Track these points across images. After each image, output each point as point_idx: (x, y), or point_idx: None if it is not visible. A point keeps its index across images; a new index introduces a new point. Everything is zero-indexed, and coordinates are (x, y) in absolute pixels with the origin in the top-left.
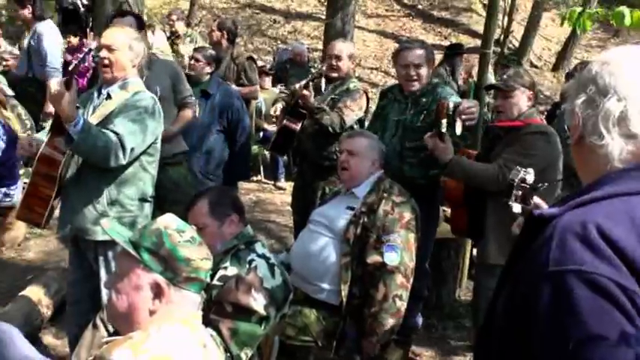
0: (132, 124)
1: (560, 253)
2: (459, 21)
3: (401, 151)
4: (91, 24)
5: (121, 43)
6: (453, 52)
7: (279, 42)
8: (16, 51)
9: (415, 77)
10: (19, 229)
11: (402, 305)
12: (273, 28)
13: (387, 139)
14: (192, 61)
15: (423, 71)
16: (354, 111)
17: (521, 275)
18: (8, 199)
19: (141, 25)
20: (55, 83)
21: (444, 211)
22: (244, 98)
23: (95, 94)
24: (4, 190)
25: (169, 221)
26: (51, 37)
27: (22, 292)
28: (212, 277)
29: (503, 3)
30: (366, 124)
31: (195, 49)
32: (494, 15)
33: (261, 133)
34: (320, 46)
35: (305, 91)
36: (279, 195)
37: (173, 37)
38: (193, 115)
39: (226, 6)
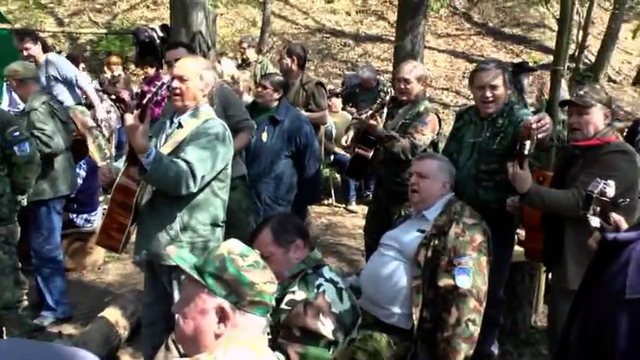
0: (202, 152)
1: (637, 280)
2: (531, 37)
3: (476, 174)
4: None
5: (192, 73)
6: (519, 70)
7: (349, 64)
8: (96, 85)
9: (491, 99)
10: (99, 253)
11: (476, 330)
12: (343, 51)
13: (462, 161)
14: (260, 88)
15: (500, 92)
16: (425, 135)
17: (596, 301)
18: (89, 225)
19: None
20: (129, 117)
21: (517, 234)
22: (313, 123)
23: (167, 123)
24: (85, 216)
25: (233, 246)
26: (65, 61)
27: (101, 314)
28: (280, 301)
29: (577, 17)
30: (440, 145)
31: (263, 76)
32: (566, 30)
33: (332, 157)
34: (390, 67)
35: (372, 121)
36: (351, 218)
37: (244, 65)
38: (248, 138)
39: (297, 31)
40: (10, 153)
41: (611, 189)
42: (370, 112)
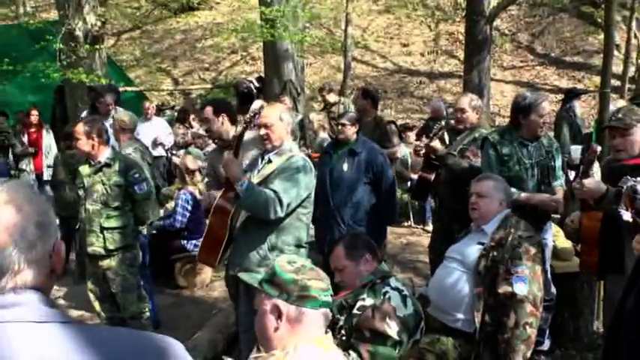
0: (287, 183)
1: None
2: (591, 64)
3: (542, 189)
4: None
5: (274, 118)
6: (571, 95)
7: (424, 100)
8: (202, 131)
9: (547, 124)
10: (207, 273)
11: (533, 332)
12: (419, 88)
13: (528, 180)
14: (340, 127)
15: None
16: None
17: None
18: (197, 249)
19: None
20: (227, 154)
21: (574, 245)
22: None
23: (259, 159)
24: (194, 242)
25: (283, 258)
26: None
27: (208, 323)
28: (352, 307)
29: (635, 40)
30: None
31: (340, 116)
32: (610, 57)
33: (409, 183)
34: None
35: (432, 143)
36: (427, 238)
37: (327, 107)
38: None
39: (377, 74)
40: (132, 192)
41: None
42: (431, 135)
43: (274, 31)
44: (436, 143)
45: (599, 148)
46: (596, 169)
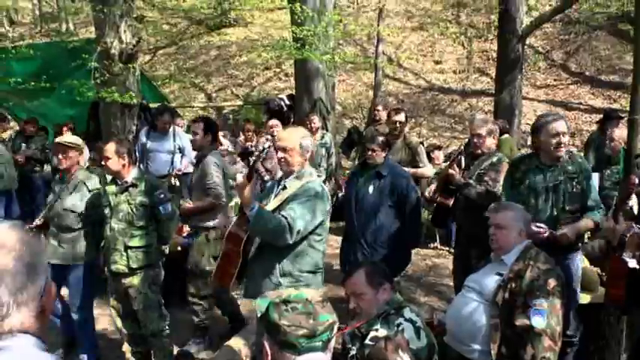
0: (301, 209)
1: None
2: (627, 83)
3: (557, 215)
4: (292, 119)
5: (293, 143)
6: (608, 119)
7: (456, 118)
8: (231, 148)
9: (563, 145)
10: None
11: None
12: (451, 106)
13: (540, 205)
14: (370, 152)
15: (567, 139)
16: (499, 182)
17: None
18: None
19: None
20: (239, 177)
21: (600, 275)
22: (418, 177)
23: (276, 185)
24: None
25: (284, 293)
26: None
27: (227, 343)
28: (365, 337)
29: None
30: None
31: (369, 140)
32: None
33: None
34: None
35: (450, 170)
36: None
37: (374, 123)
38: (212, 203)
39: (409, 91)
40: (156, 212)
41: None
42: (449, 162)
43: (304, 50)
44: (453, 170)
45: (637, 180)
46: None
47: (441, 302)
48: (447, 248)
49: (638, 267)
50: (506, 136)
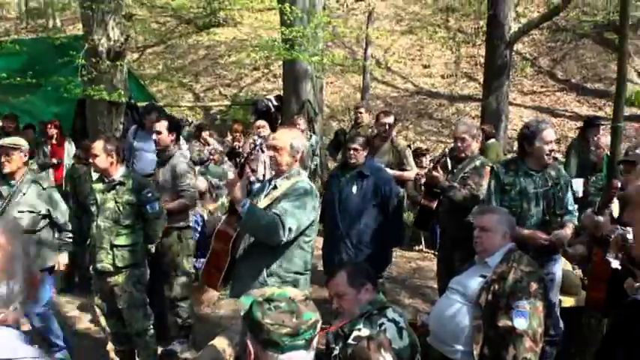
0: (292, 207)
1: None
2: (612, 91)
3: (549, 219)
4: (280, 120)
5: (284, 143)
6: (588, 125)
7: (444, 122)
8: (220, 147)
9: (554, 152)
10: (214, 291)
11: None
12: (438, 110)
13: (532, 210)
14: (352, 151)
15: (556, 148)
16: (482, 185)
17: None
18: None
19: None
20: (230, 174)
21: (582, 279)
22: (401, 180)
23: (267, 184)
24: (202, 260)
25: (268, 291)
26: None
27: (212, 342)
28: (348, 337)
29: None
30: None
31: (350, 140)
32: (623, 91)
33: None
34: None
35: (434, 173)
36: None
37: (357, 126)
38: (185, 204)
39: (397, 94)
40: (144, 211)
41: (631, 235)
42: (432, 165)
43: (293, 51)
44: (437, 173)
45: (619, 184)
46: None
47: (425, 304)
48: (432, 251)
49: (620, 267)
50: (492, 140)
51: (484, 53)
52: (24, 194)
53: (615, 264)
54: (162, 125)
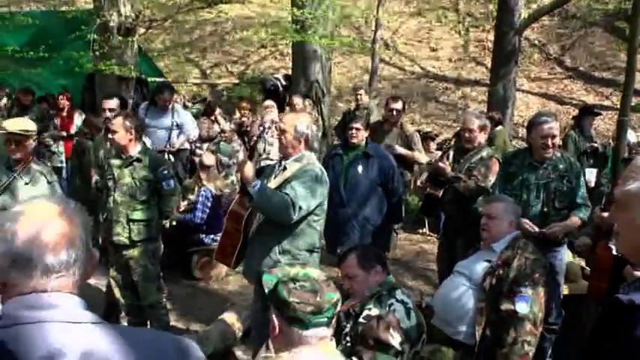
0: (301, 188)
1: None
2: (620, 80)
3: (548, 211)
4: (288, 100)
5: (288, 126)
6: (584, 113)
7: (450, 107)
8: (227, 126)
9: (551, 146)
10: (223, 266)
11: (530, 350)
12: (445, 94)
13: (532, 201)
14: (354, 130)
15: (557, 140)
16: (488, 177)
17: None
18: (215, 243)
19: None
20: (241, 155)
21: (583, 269)
22: (409, 161)
23: (277, 166)
24: (212, 236)
25: (290, 272)
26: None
27: (221, 316)
28: (358, 316)
29: None
30: None
31: (351, 119)
32: (631, 83)
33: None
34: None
35: (440, 164)
36: None
37: (359, 108)
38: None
39: (404, 77)
40: (159, 187)
41: None
42: (439, 155)
43: (303, 33)
44: (443, 164)
45: None
46: None
47: (428, 286)
48: (435, 234)
49: (621, 254)
50: (500, 127)
51: (493, 38)
52: (26, 184)
53: (616, 250)
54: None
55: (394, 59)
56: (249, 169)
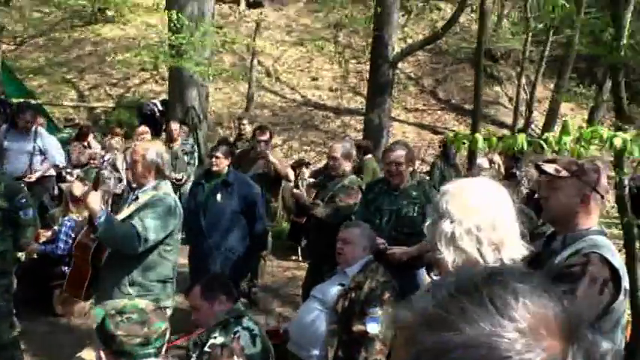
0: (150, 219)
1: None
2: (487, 113)
3: (396, 236)
4: (164, 126)
5: (137, 155)
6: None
7: (329, 134)
8: (100, 151)
9: (395, 173)
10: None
11: None
12: (324, 122)
13: (383, 225)
14: (215, 159)
15: (402, 168)
16: (348, 203)
17: None
18: None
19: None
20: (112, 182)
21: None
22: (276, 179)
23: (131, 196)
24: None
25: (117, 304)
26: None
27: (78, 354)
28: (204, 345)
29: (525, 94)
30: None
31: (213, 148)
32: (478, 111)
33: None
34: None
35: (295, 190)
36: None
37: (240, 138)
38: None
39: (285, 105)
40: (16, 217)
41: None
42: (312, 182)
43: (179, 59)
44: (297, 191)
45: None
46: None
47: (294, 312)
48: (308, 261)
49: None
50: (369, 156)
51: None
52: None
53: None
54: None
55: (275, 87)
56: (95, 200)
